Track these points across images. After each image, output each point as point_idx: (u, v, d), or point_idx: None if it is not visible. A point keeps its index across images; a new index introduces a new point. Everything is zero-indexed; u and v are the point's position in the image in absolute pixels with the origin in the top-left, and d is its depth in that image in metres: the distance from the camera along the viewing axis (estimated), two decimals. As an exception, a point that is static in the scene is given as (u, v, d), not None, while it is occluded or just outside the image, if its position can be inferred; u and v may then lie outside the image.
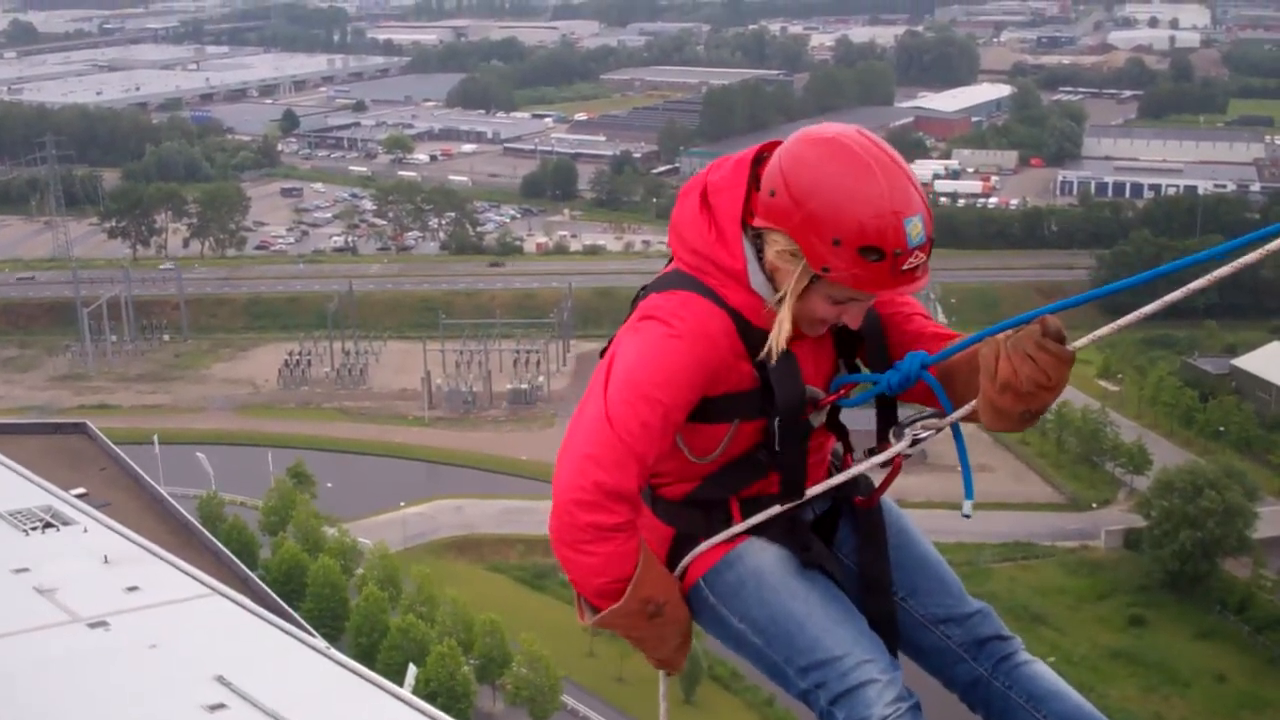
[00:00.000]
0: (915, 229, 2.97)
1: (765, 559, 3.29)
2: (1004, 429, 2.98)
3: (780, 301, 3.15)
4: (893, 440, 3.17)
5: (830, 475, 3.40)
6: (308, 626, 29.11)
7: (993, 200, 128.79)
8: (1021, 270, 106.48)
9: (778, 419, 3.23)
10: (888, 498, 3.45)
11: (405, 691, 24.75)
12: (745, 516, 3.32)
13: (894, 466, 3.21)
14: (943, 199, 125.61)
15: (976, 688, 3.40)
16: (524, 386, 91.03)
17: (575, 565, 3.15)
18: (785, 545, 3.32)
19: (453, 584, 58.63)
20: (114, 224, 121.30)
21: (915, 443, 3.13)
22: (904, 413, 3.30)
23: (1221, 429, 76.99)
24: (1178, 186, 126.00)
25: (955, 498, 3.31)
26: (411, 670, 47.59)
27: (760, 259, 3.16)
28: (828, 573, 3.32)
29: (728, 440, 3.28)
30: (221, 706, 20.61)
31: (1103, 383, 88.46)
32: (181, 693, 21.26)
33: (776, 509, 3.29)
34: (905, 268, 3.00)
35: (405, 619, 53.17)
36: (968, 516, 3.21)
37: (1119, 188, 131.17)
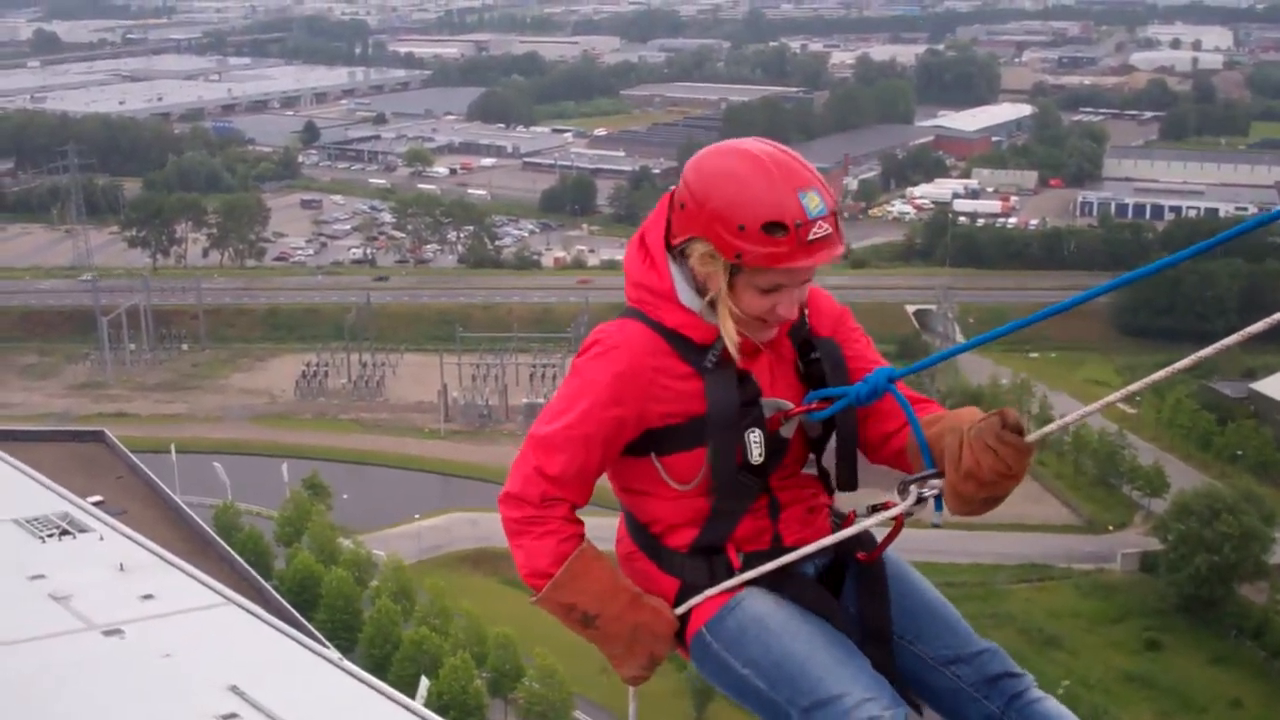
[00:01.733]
0: (813, 201, 3.16)
1: (767, 604, 3.36)
2: (966, 513, 3.12)
3: (712, 306, 3.33)
4: (897, 498, 3.23)
5: (833, 532, 3.48)
6: (321, 637, 29.15)
7: (1012, 220, 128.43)
8: (1040, 291, 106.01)
9: (750, 431, 3.33)
10: (891, 551, 3.52)
11: (418, 704, 24.77)
12: (747, 568, 3.42)
13: (896, 524, 3.30)
14: (962, 219, 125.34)
15: None
16: (540, 400, 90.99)
17: (513, 551, 3.49)
18: (786, 593, 3.39)
19: (466, 597, 58.60)
20: (134, 233, 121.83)
21: (919, 500, 3.19)
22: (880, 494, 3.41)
23: (1239, 453, 76.61)
24: (1198, 209, 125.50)
25: (964, 518, 3.35)
26: (424, 683, 47.58)
27: (692, 277, 3.35)
28: (829, 618, 3.39)
29: (708, 465, 3.38)
30: (234, 716, 20.66)
31: (1120, 405, 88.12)
32: (195, 702, 21.30)
33: (778, 561, 3.38)
34: (811, 238, 3.16)
35: (418, 631, 53.16)
36: (937, 525, 3.26)
37: (1139, 209, 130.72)
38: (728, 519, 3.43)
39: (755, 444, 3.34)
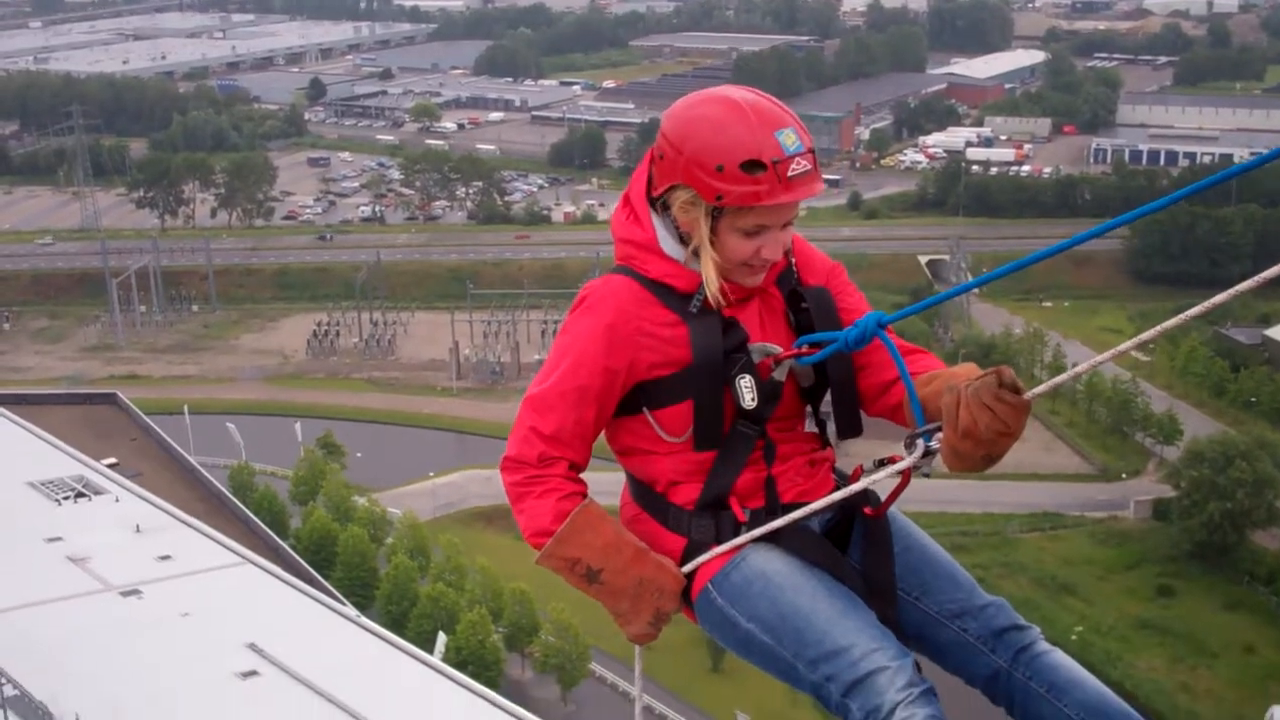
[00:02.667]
0: (789, 138, 3.21)
1: (772, 560, 3.35)
2: (965, 470, 3.10)
3: (695, 255, 3.35)
4: (905, 452, 3.19)
5: (837, 488, 3.48)
6: (338, 595, 29.36)
7: (1025, 168, 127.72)
8: (1053, 239, 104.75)
9: (741, 377, 3.34)
10: (894, 508, 3.52)
11: (435, 659, 24.93)
12: (753, 524, 3.40)
13: (904, 478, 3.24)
14: (975, 167, 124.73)
15: (997, 680, 3.41)
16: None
17: (515, 514, 3.48)
18: (791, 548, 3.37)
19: (482, 553, 58.86)
20: (142, 194, 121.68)
21: (927, 454, 3.16)
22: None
23: (1253, 400, 76.49)
24: (1213, 155, 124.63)
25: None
26: (441, 638, 47.90)
27: (677, 229, 3.39)
28: (834, 573, 3.37)
29: (695, 413, 3.39)
30: (253, 674, 20.82)
31: (1134, 352, 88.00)
32: (214, 660, 21.47)
33: (785, 519, 3.36)
34: (790, 174, 3.20)
35: (435, 588, 53.44)
36: (926, 475, 3.24)
37: (1153, 156, 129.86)
38: (728, 470, 3.42)
39: (746, 389, 3.34)
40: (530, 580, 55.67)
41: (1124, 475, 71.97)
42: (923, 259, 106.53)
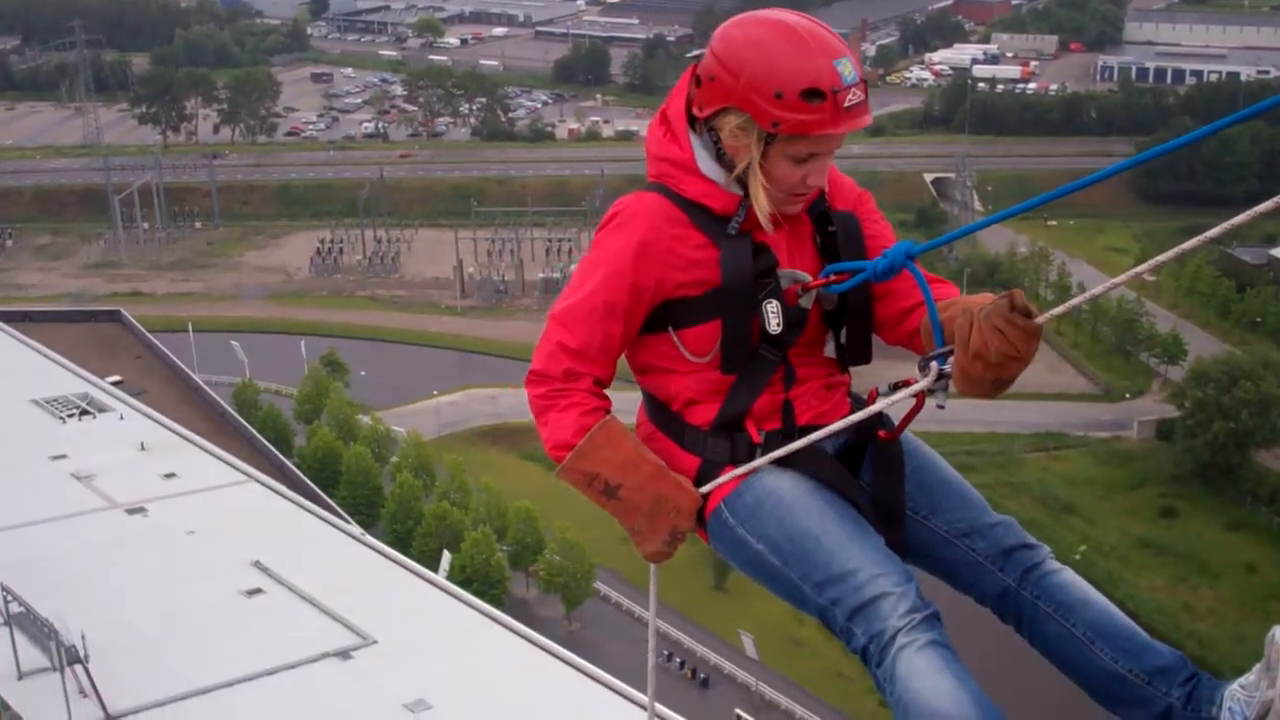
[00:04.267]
0: (847, 68, 3.19)
1: (783, 481, 3.35)
2: (975, 394, 3.13)
3: (738, 180, 3.35)
4: (919, 375, 3.22)
5: (852, 412, 3.48)
6: (343, 513, 29.45)
7: (1031, 86, 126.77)
8: (1059, 158, 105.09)
9: (768, 301, 3.35)
10: (907, 431, 3.52)
11: (440, 577, 25.04)
12: (768, 446, 3.41)
13: (918, 401, 3.27)
14: (981, 85, 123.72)
15: (1005, 599, 3.43)
16: (556, 275, 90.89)
17: (538, 427, 3.50)
18: (804, 470, 3.38)
19: (486, 472, 59.12)
20: (144, 110, 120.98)
21: (941, 377, 3.17)
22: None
23: (1258, 320, 76.34)
24: (1220, 73, 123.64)
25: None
26: (446, 557, 48.23)
27: (716, 151, 3.37)
28: (845, 496, 3.39)
29: (722, 336, 3.41)
30: (259, 591, 20.88)
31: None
32: (219, 578, 21.53)
33: (800, 442, 3.35)
34: (847, 104, 3.20)
35: (439, 506, 53.70)
36: (941, 407, 3.24)
37: (1160, 74, 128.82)
38: (747, 392, 3.43)
39: (773, 314, 3.36)
40: (535, 499, 55.97)
41: (1128, 395, 72.03)
42: (928, 177, 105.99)
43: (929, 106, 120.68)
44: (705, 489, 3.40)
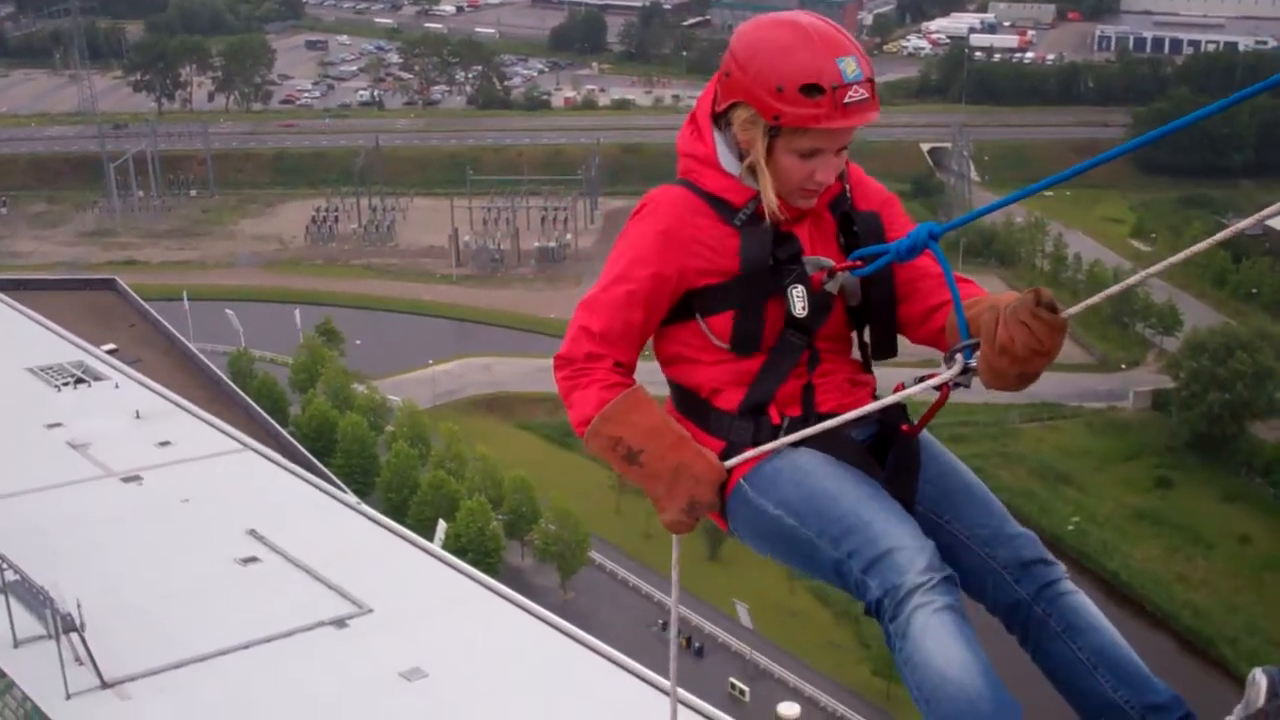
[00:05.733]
0: (850, 66, 3.32)
1: (804, 455, 3.46)
2: (1001, 388, 3.21)
3: (750, 171, 3.48)
4: (944, 366, 3.30)
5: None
6: (339, 482, 29.47)
7: (1029, 55, 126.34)
8: (1056, 128, 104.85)
9: (793, 286, 3.46)
10: (929, 434, 3.63)
11: (435, 546, 25.09)
12: (789, 431, 3.50)
13: (943, 393, 3.36)
14: (978, 54, 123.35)
15: (1017, 611, 3.47)
16: (552, 244, 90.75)
17: (566, 407, 3.59)
18: (825, 450, 3.47)
19: (482, 441, 59.12)
20: (138, 78, 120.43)
21: (966, 370, 3.24)
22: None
23: (1254, 290, 76.34)
24: (1218, 43, 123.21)
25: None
26: (441, 525, 48.29)
27: (738, 147, 3.50)
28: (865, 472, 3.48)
29: (743, 319, 3.53)
30: (254, 560, 20.92)
31: (1135, 242, 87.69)
32: (214, 546, 21.56)
33: (823, 425, 3.45)
34: (848, 101, 3.32)
35: (435, 475, 53.74)
36: (966, 386, 3.35)
37: (1158, 43, 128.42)
38: (773, 378, 3.54)
39: (798, 298, 3.45)
40: (530, 468, 56.03)
41: (1124, 366, 72.07)
42: (925, 147, 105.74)
43: (926, 76, 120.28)
44: (730, 463, 3.48)
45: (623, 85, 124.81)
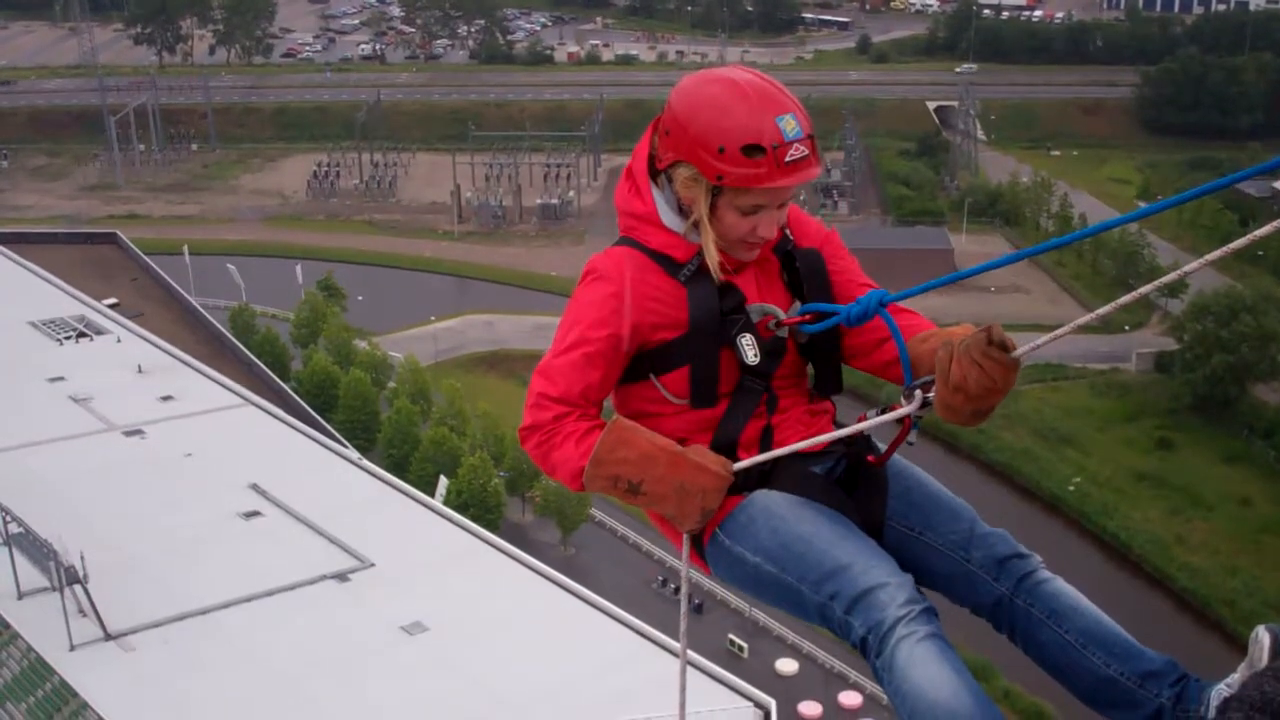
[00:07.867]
0: (789, 124, 3.35)
1: (775, 499, 3.50)
2: (956, 423, 3.22)
3: (694, 227, 3.50)
4: (903, 401, 3.33)
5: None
6: (340, 438, 29.48)
7: (1037, 13, 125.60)
8: (1064, 87, 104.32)
9: (742, 335, 3.50)
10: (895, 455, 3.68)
11: (437, 502, 25.14)
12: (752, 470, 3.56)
13: (904, 426, 3.38)
14: (986, 11, 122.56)
15: (1000, 607, 3.53)
16: (554, 201, 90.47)
17: (548, 472, 3.62)
18: (796, 490, 3.52)
19: (483, 398, 59.11)
20: (139, 30, 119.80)
21: (925, 405, 3.27)
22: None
23: (1260, 253, 76.06)
24: (1229, 2, 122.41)
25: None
26: (443, 482, 48.38)
27: (678, 202, 3.52)
28: (838, 511, 3.53)
29: (694, 372, 3.56)
30: (256, 514, 20.97)
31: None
32: (216, 500, 21.61)
33: (789, 448, 3.50)
34: (789, 159, 3.34)
35: (436, 431, 53.76)
36: (911, 444, 3.44)
37: (1167, 2, 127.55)
38: (735, 423, 3.58)
39: (748, 346, 3.51)
40: (532, 424, 55.92)
41: (1127, 327, 71.91)
42: (931, 105, 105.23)
43: (933, 33, 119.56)
44: (738, 466, 3.51)
45: (626, 40, 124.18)
